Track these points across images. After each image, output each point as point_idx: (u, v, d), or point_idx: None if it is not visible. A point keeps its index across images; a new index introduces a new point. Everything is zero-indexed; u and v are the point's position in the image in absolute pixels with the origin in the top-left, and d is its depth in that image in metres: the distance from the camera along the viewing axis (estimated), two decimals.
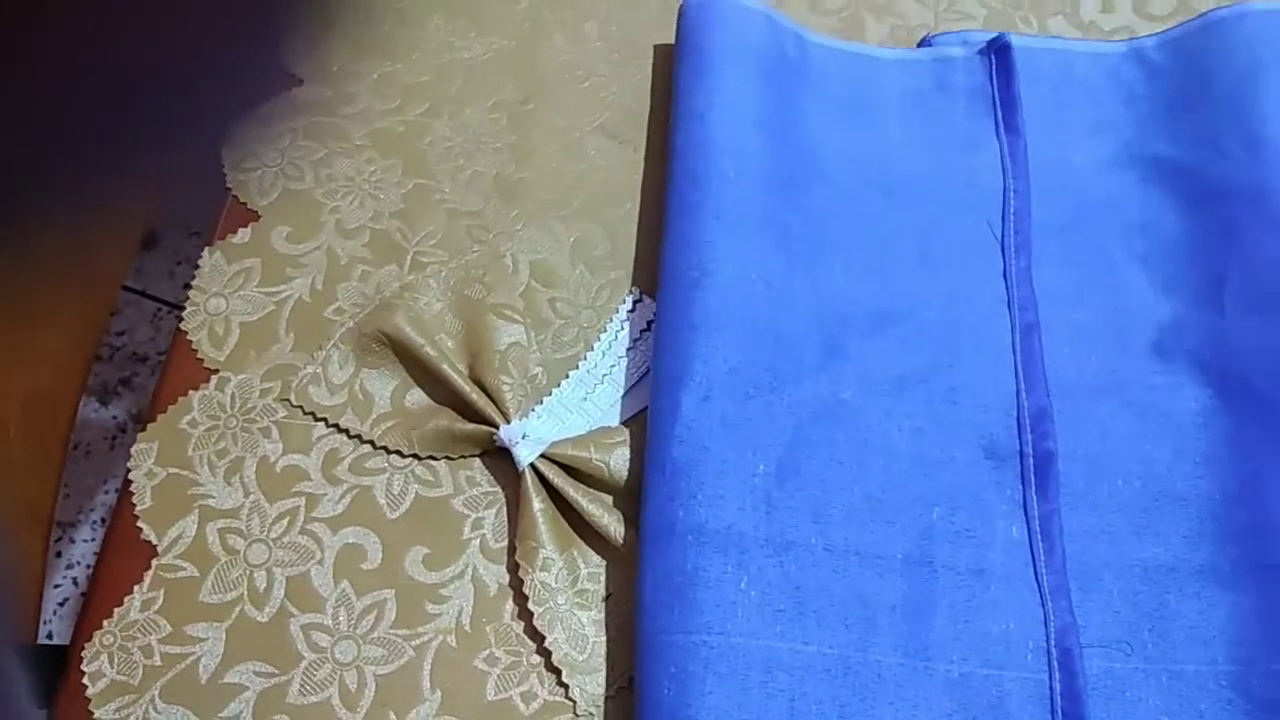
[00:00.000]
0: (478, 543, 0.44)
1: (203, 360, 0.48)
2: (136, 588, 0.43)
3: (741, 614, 0.39)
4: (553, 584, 0.42)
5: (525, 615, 0.42)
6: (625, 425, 0.46)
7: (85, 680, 0.41)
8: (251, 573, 0.43)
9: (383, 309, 0.48)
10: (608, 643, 0.42)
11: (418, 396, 0.47)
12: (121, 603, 0.43)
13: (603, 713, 0.41)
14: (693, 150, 0.49)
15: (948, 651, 0.40)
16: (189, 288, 0.50)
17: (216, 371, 0.48)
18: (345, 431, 0.46)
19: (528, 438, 0.44)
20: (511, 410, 0.45)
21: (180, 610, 0.43)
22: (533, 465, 0.44)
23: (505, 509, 0.45)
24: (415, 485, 0.45)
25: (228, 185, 0.52)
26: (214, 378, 0.48)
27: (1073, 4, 0.59)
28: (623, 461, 0.44)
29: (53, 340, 0.55)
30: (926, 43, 0.57)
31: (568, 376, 0.47)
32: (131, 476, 0.45)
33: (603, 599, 0.43)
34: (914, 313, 0.47)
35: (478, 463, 0.46)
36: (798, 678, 0.38)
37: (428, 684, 0.41)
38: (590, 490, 0.44)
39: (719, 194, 0.48)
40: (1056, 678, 0.39)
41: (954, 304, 0.48)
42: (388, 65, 0.57)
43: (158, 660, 0.42)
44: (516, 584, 0.43)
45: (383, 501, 0.45)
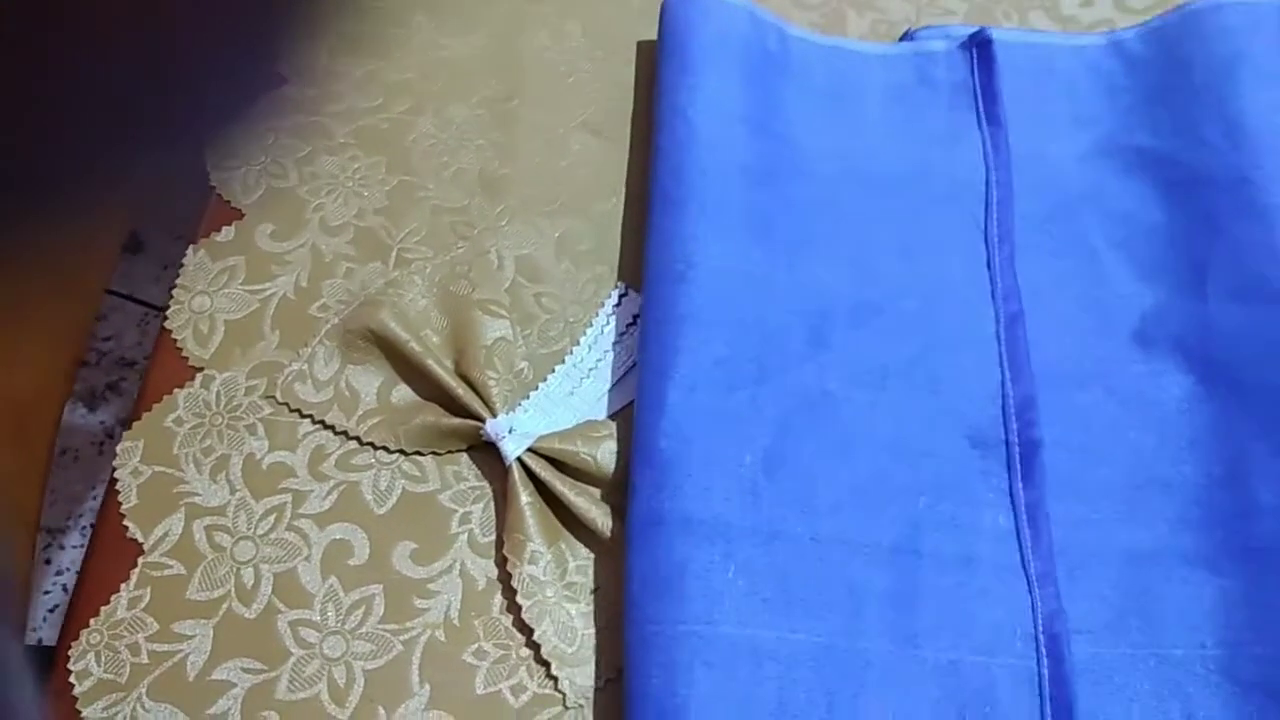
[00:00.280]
0: (465, 537, 0.44)
1: (188, 358, 0.48)
2: (123, 586, 0.43)
3: (729, 603, 0.39)
4: (541, 577, 0.42)
5: (514, 609, 0.42)
6: (612, 419, 0.46)
7: (72, 679, 0.41)
8: (238, 570, 0.43)
9: (368, 305, 0.48)
10: (596, 635, 0.42)
11: (404, 392, 0.47)
12: (108, 601, 0.42)
13: (592, 705, 0.41)
14: (675, 146, 0.50)
15: (936, 639, 0.40)
16: (174, 288, 0.50)
17: (201, 370, 0.48)
18: (331, 428, 0.46)
19: (514, 432, 0.44)
20: (498, 405, 0.45)
21: (167, 608, 0.42)
22: (520, 459, 0.44)
23: (493, 503, 0.45)
24: (402, 480, 0.45)
25: (211, 183, 0.52)
26: (199, 376, 0.48)
27: None
28: (610, 455, 0.44)
29: (38, 346, 0.55)
30: (908, 37, 0.57)
31: (554, 371, 0.47)
32: (117, 475, 0.45)
33: (591, 592, 0.43)
34: (897, 303, 0.47)
35: (464, 458, 0.46)
36: (786, 666, 0.38)
37: (416, 678, 0.41)
38: (577, 483, 0.44)
39: (701, 189, 0.48)
40: (1044, 664, 0.39)
41: (937, 295, 0.48)
42: (371, 63, 0.57)
43: (145, 658, 0.42)
44: (505, 578, 0.43)
45: (369, 497, 0.45)
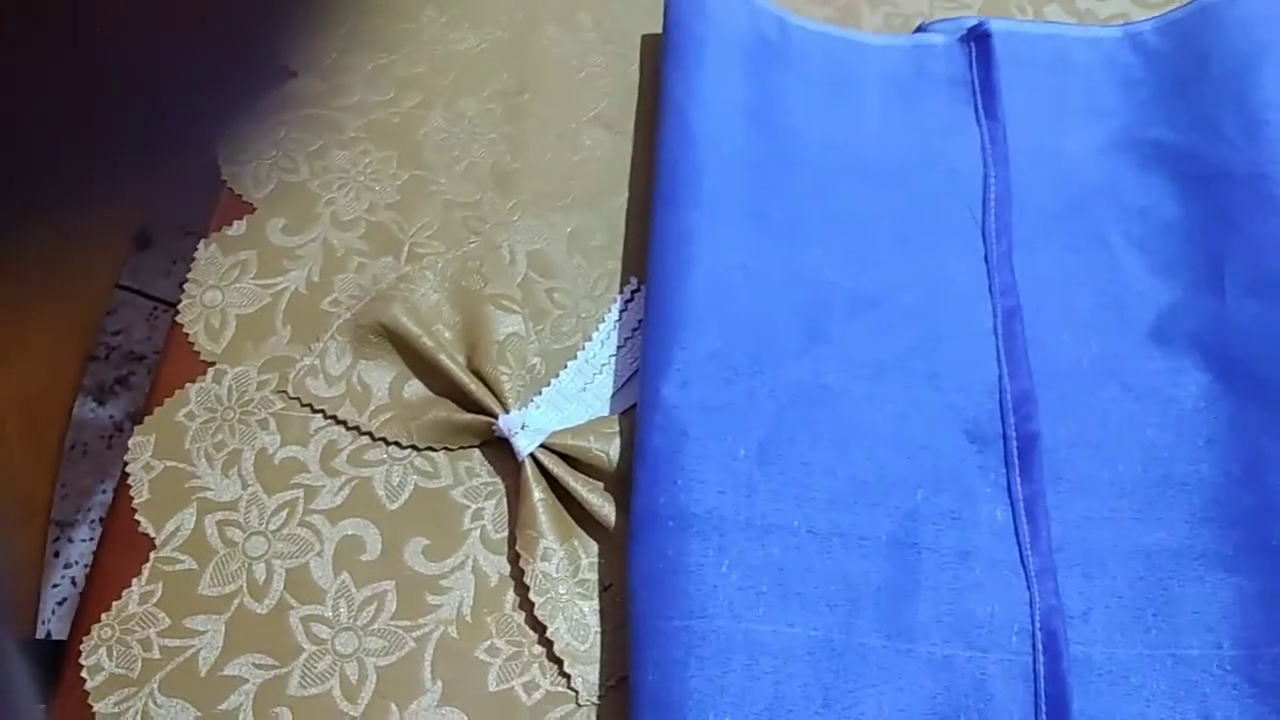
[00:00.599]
0: (478, 533, 0.44)
1: (199, 353, 0.48)
2: (135, 581, 0.43)
3: (723, 597, 0.39)
4: (554, 574, 0.42)
5: (526, 605, 0.42)
6: (624, 414, 0.46)
7: (84, 674, 0.41)
8: (250, 565, 0.43)
9: (380, 300, 0.48)
10: (609, 632, 0.42)
11: (416, 388, 0.47)
12: (120, 596, 0.42)
13: (605, 702, 0.41)
14: (673, 141, 0.49)
15: (931, 633, 0.40)
16: (185, 282, 0.50)
17: (213, 364, 0.47)
18: (343, 423, 0.46)
19: (527, 428, 0.44)
20: (510, 400, 0.45)
21: (179, 603, 0.42)
22: (532, 455, 0.43)
23: (505, 499, 0.45)
24: (414, 476, 0.45)
25: (223, 178, 0.52)
26: (210, 370, 0.47)
27: None
28: (622, 451, 0.44)
29: (47, 339, 0.54)
30: (922, 30, 0.56)
31: (566, 367, 0.47)
32: (129, 470, 0.45)
33: (604, 589, 0.43)
34: (894, 296, 0.47)
35: (477, 453, 0.46)
36: (781, 660, 0.38)
37: (429, 675, 0.41)
38: (590, 480, 0.44)
39: (698, 183, 0.48)
40: (1041, 660, 0.39)
41: (934, 288, 0.47)
42: (381, 58, 0.56)
43: (157, 653, 0.41)
44: (517, 574, 0.43)
45: (382, 493, 0.45)
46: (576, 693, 0.41)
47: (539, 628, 0.42)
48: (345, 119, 0.54)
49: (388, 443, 0.46)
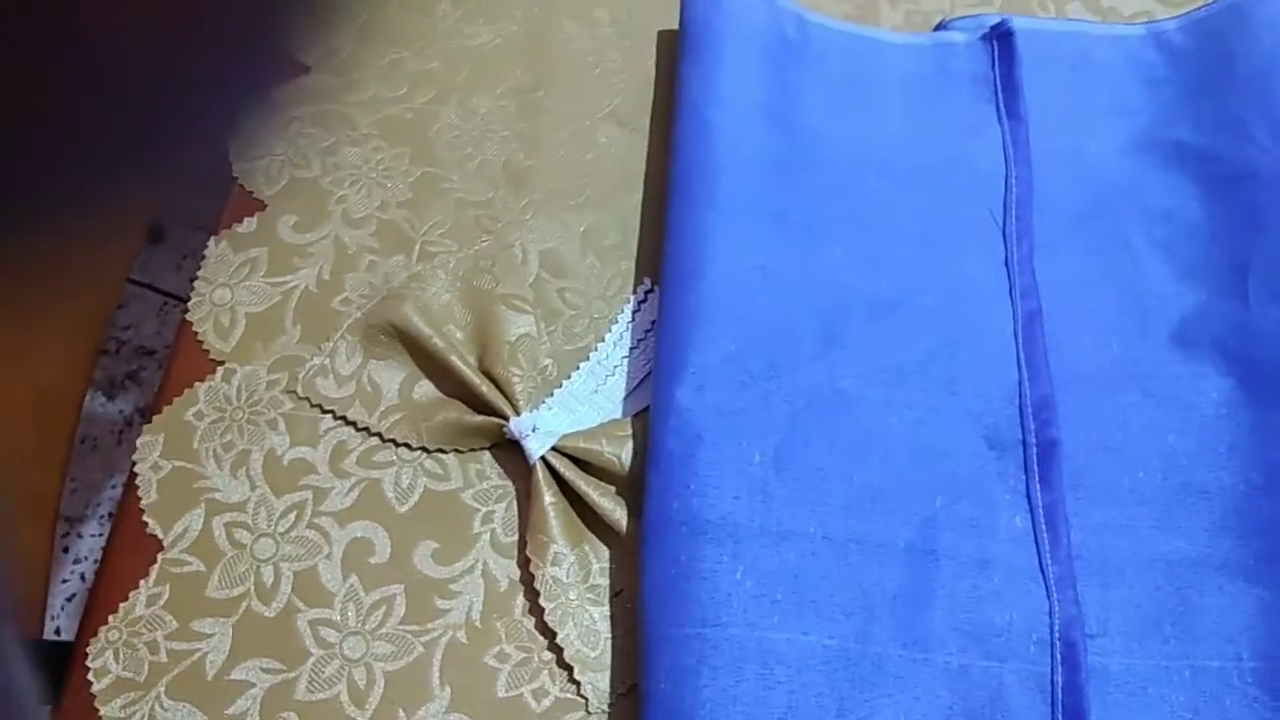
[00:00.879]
0: (488, 537, 0.43)
1: (209, 352, 0.47)
2: (142, 583, 0.42)
3: (737, 605, 0.38)
4: (564, 579, 0.42)
5: (536, 611, 0.41)
6: (636, 417, 0.45)
7: (90, 677, 0.41)
8: (258, 567, 0.43)
9: (390, 299, 0.47)
10: (620, 639, 0.41)
11: (426, 388, 0.46)
12: (127, 598, 0.42)
13: (615, 710, 0.40)
14: (689, 139, 0.49)
15: (948, 642, 0.39)
16: (195, 280, 0.49)
17: (222, 363, 0.47)
18: (353, 424, 0.46)
19: (538, 430, 0.43)
20: (521, 402, 0.44)
21: (187, 606, 0.42)
22: (543, 458, 0.43)
23: (516, 503, 0.44)
24: (424, 478, 0.45)
25: (234, 174, 0.52)
26: (220, 369, 0.47)
27: None
28: (634, 455, 0.44)
29: (57, 334, 0.54)
30: (942, 28, 0.56)
31: (578, 368, 0.46)
32: (137, 470, 0.45)
33: (614, 595, 0.42)
34: (913, 300, 0.46)
35: (487, 455, 0.45)
36: (796, 669, 0.38)
37: (437, 680, 0.41)
38: (602, 484, 0.43)
39: (714, 183, 0.47)
40: (1059, 671, 0.38)
41: (954, 291, 0.47)
42: (395, 52, 0.56)
43: (164, 657, 0.41)
44: (527, 579, 0.42)
45: (391, 495, 0.44)
46: (586, 700, 0.40)
47: (549, 634, 0.41)
48: (358, 115, 0.54)
49: (397, 444, 0.45)
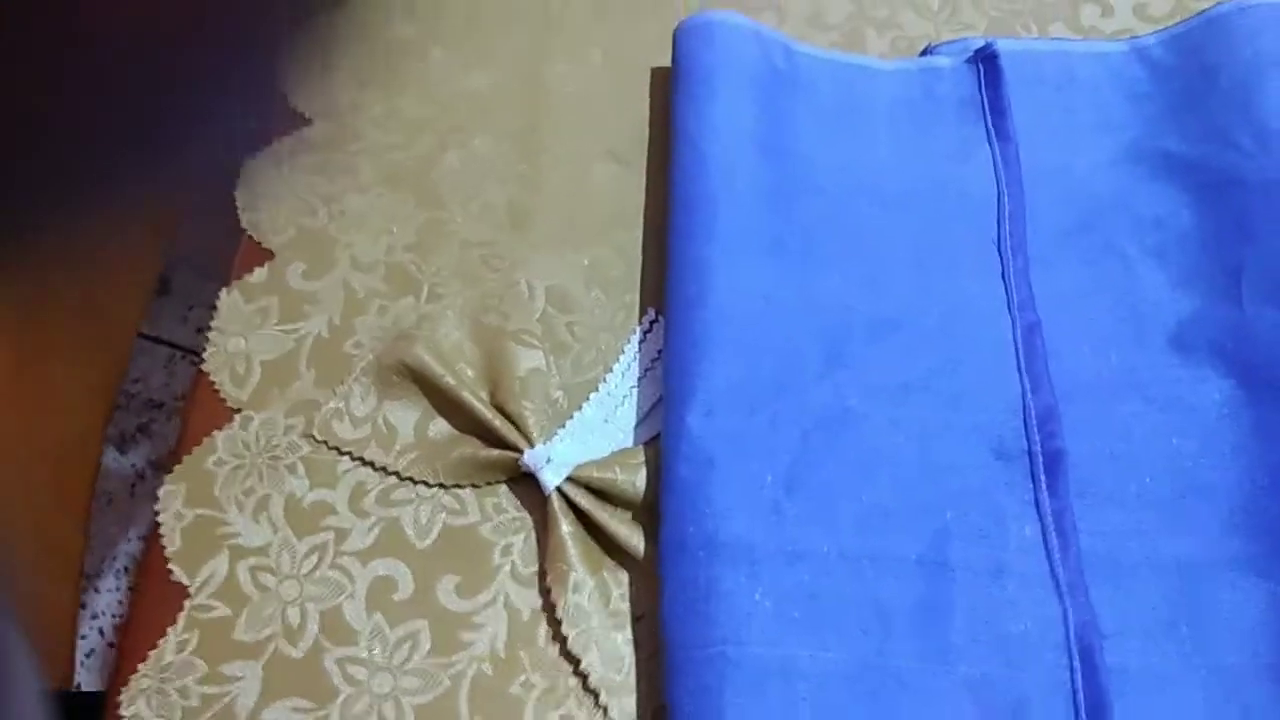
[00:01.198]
0: (508, 569, 0.44)
1: (225, 400, 0.48)
2: (170, 630, 0.43)
3: (757, 624, 0.39)
4: (586, 606, 0.42)
5: (560, 639, 0.42)
6: (647, 444, 0.46)
7: None
8: (284, 609, 0.43)
9: (402, 340, 0.48)
10: (644, 662, 0.42)
11: (441, 426, 0.47)
12: (156, 645, 0.43)
13: None
14: (687, 172, 0.50)
15: (967, 653, 0.40)
16: (204, 331, 0.50)
17: (239, 410, 0.48)
18: (370, 464, 0.46)
19: (553, 461, 0.44)
20: (535, 435, 0.45)
21: (215, 650, 0.43)
22: (559, 488, 0.44)
23: (534, 534, 0.45)
24: (443, 514, 0.45)
25: (242, 225, 0.53)
26: (237, 417, 0.48)
27: (1073, 9, 0.60)
28: (648, 481, 0.44)
29: (74, 390, 0.55)
30: (929, 53, 0.57)
31: (588, 399, 0.47)
32: (160, 520, 0.46)
33: (636, 620, 0.43)
34: (914, 319, 0.47)
35: (504, 489, 0.46)
36: (817, 685, 0.38)
37: (465, 712, 0.41)
38: (618, 511, 0.44)
39: (713, 214, 0.48)
40: (1078, 674, 0.39)
41: (954, 309, 0.48)
42: (393, 100, 0.57)
43: (195, 701, 0.42)
44: (549, 608, 0.43)
45: (411, 532, 0.45)
46: None
47: (573, 660, 0.42)
48: (360, 162, 0.55)
49: (415, 482, 0.46)
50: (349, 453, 0.47)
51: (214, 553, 0.45)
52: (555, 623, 0.42)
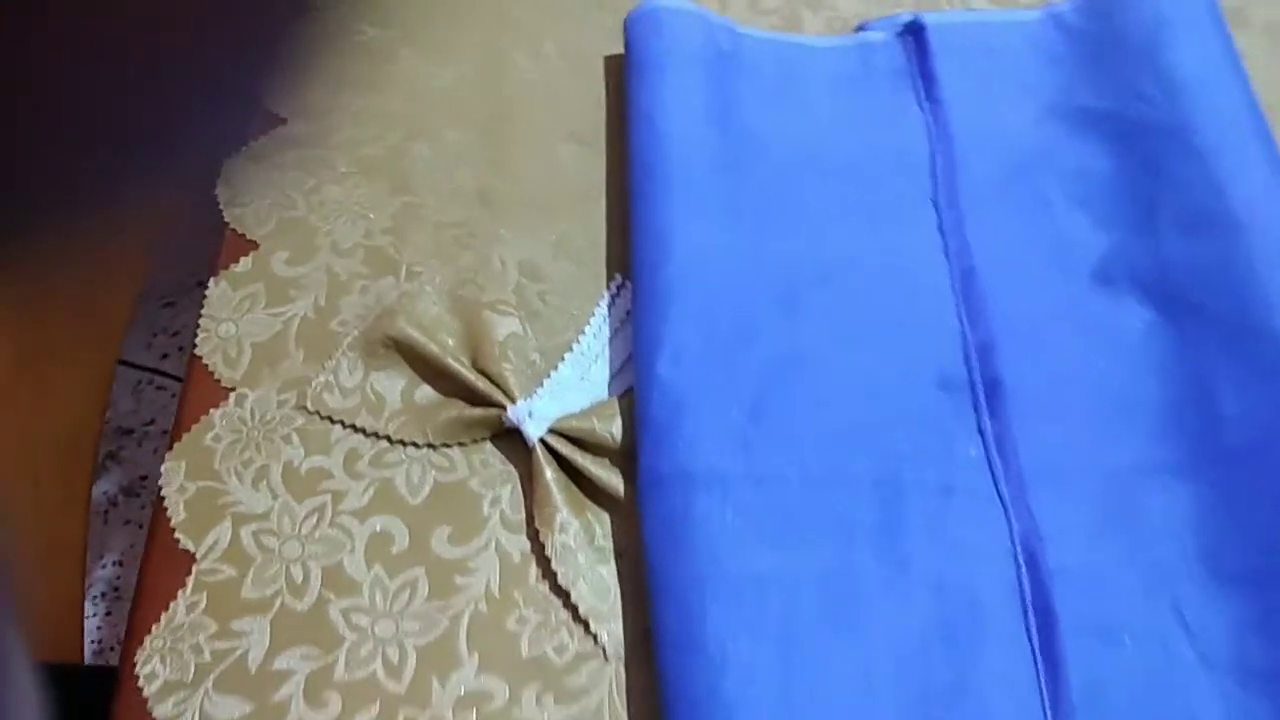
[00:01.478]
0: (498, 517, 0.47)
1: (219, 380, 0.51)
2: (180, 593, 0.45)
3: (730, 542, 0.43)
4: (572, 544, 0.45)
5: (550, 576, 0.45)
6: (621, 398, 0.49)
7: (140, 682, 0.43)
8: (288, 567, 0.46)
9: (385, 316, 0.51)
10: (628, 592, 0.45)
11: (427, 392, 0.50)
12: (167, 608, 0.45)
13: (631, 654, 0.44)
14: (645, 146, 0.54)
15: (922, 560, 0.43)
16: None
17: (234, 389, 0.51)
18: (362, 431, 0.49)
19: (534, 415, 0.47)
20: (516, 393, 0.48)
21: (224, 608, 0.45)
22: (542, 440, 0.47)
23: (520, 484, 0.48)
24: (433, 472, 0.48)
25: (225, 220, 0.55)
26: (232, 395, 0.50)
27: None
28: (623, 429, 0.48)
29: (72, 385, 0.57)
30: (862, 29, 0.61)
31: (564, 359, 0.51)
32: (164, 494, 0.48)
33: (618, 556, 0.46)
34: (859, 270, 0.51)
35: (489, 445, 0.49)
36: (790, 593, 0.42)
37: (465, 649, 0.44)
38: (598, 458, 0.47)
39: (671, 182, 0.52)
40: (1024, 573, 0.43)
41: (895, 259, 0.52)
42: (365, 98, 0.60)
43: (207, 656, 0.44)
44: (538, 549, 0.46)
45: (404, 490, 0.48)
46: (604, 649, 0.44)
47: (563, 594, 0.45)
48: (336, 156, 0.58)
49: (405, 444, 0.49)
50: (341, 421, 0.49)
51: (218, 521, 0.47)
52: (545, 561, 0.45)
